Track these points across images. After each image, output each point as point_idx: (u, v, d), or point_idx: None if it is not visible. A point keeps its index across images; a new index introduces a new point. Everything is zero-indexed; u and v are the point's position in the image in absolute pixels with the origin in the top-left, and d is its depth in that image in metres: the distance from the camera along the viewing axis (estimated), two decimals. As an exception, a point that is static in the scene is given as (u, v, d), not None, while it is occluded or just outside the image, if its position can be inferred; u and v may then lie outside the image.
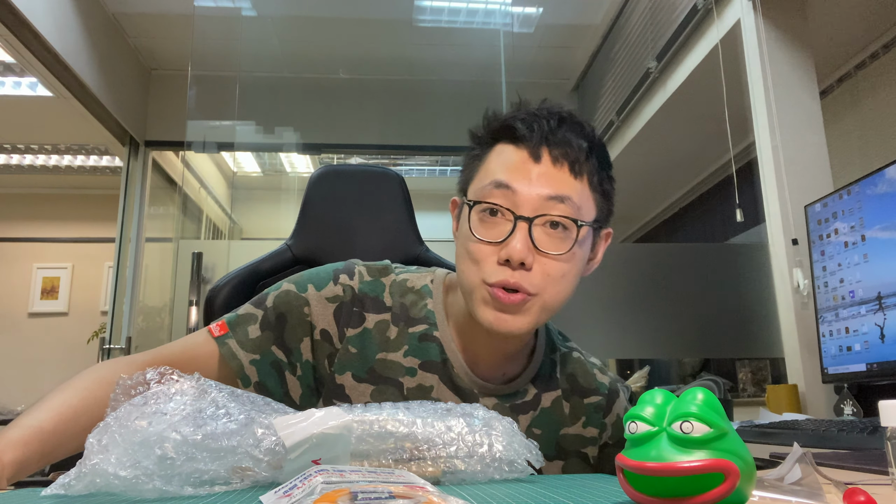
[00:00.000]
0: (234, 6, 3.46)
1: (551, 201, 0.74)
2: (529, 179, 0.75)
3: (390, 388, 0.79)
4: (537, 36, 3.58)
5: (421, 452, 0.55)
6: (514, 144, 0.78)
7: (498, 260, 0.74)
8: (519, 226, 0.74)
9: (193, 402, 0.52)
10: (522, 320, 0.75)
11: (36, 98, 3.62)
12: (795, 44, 2.16)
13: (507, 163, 0.77)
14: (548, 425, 0.84)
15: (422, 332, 0.82)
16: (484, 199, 0.75)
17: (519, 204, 0.74)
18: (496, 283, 0.74)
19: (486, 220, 0.76)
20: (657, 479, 0.37)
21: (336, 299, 0.81)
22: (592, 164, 0.79)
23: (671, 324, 2.26)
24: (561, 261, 0.75)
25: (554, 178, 0.76)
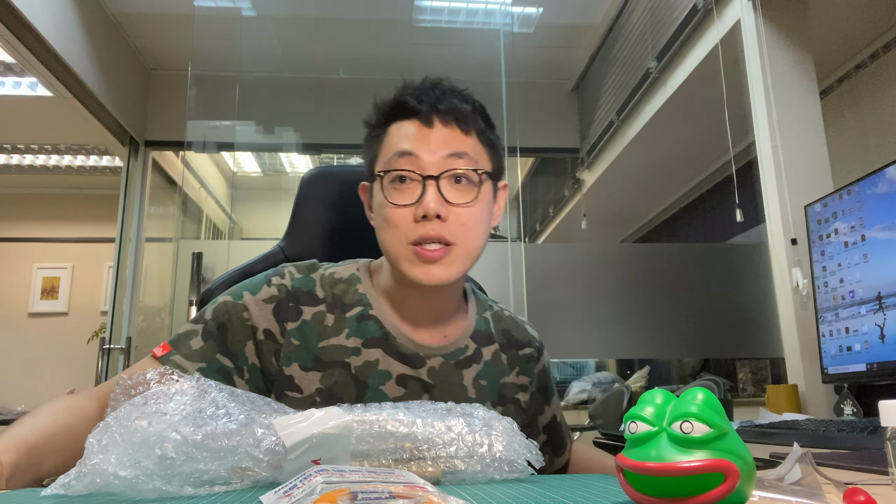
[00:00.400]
0: (234, 6, 3.46)
1: (451, 158, 0.84)
2: (428, 143, 0.85)
3: (337, 370, 0.83)
4: (537, 36, 3.58)
5: (421, 452, 0.55)
6: (408, 119, 0.87)
7: (415, 218, 0.82)
8: (428, 184, 0.83)
9: (193, 402, 0.52)
10: (448, 270, 0.84)
11: (36, 98, 3.62)
12: (795, 44, 2.16)
13: (405, 134, 0.86)
14: (490, 376, 0.92)
15: (358, 313, 0.88)
16: (391, 168, 0.84)
17: (423, 166, 0.84)
18: (418, 239, 0.82)
19: (398, 187, 0.84)
20: (657, 479, 0.37)
21: (272, 299, 0.86)
22: (478, 122, 0.90)
23: (671, 324, 2.26)
24: (471, 208, 0.85)
25: (448, 138, 0.86)
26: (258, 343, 0.84)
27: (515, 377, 0.95)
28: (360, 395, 0.83)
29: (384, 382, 0.84)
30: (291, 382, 0.82)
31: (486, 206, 0.88)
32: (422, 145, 0.84)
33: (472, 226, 0.85)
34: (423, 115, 0.86)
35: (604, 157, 3.72)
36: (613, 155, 3.55)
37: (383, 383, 0.84)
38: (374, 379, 0.84)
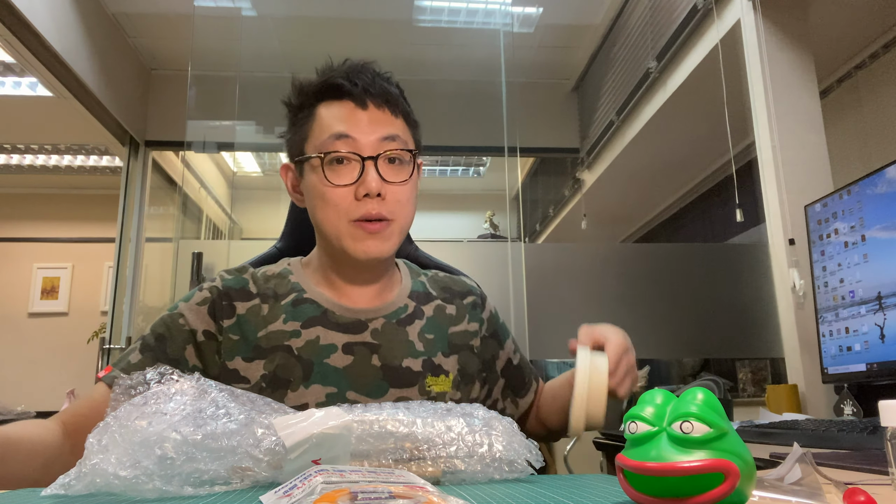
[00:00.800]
0: (234, 6, 3.46)
1: (385, 141, 0.89)
2: (363, 125, 0.88)
3: (280, 354, 0.86)
4: (537, 36, 3.58)
5: (421, 452, 0.55)
6: (339, 100, 0.90)
7: (356, 197, 0.87)
8: (367, 165, 0.87)
9: (193, 402, 0.52)
10: (386, 244, 0.89)
11: (36, 98, 3.62)
12: (795, 44, 2.16)
13: (338, 116, 0.89)
14: (437, 328, 0.96)
15: (293, 299, 0.91)
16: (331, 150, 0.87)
17: (360, 148, 0.87)
18: (361, 217, 0.86)
19: (335, 168, 0.87)
20: (657, 479, 0.37)
21: (205, 301, 0.89)
22: (403, 103, 0.94)
23: (671, 324, 2.26)
24: (405, 186, 0.90)
25: (381, 121, 0.90)
26: (198, 345, 0.87)
27: (466, 325, 0.99)
28: (306, 373, 0.85)
29: (329, 355, 0.86)
30: (237, 375, 0.85)
31: (415, 184, 0.94)
32: (356, 127, 0.88)
33: (405, 202, 0.90)
34: (357, 98, 0.90)
35: (604, 157, 3.71)
36: (613, 155, 3.55)
37: (328, 356, 0.86)
38: (319, 355, 0.86)
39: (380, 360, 0.89)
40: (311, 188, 0.90)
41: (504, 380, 1.03)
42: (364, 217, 0.86)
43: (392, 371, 0.89)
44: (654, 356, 3.18)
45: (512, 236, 3.93)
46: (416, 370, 0.90)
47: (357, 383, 0.86)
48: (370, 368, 0.88)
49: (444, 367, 0.93)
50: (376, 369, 0.88)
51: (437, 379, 0.91)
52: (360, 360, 0.88)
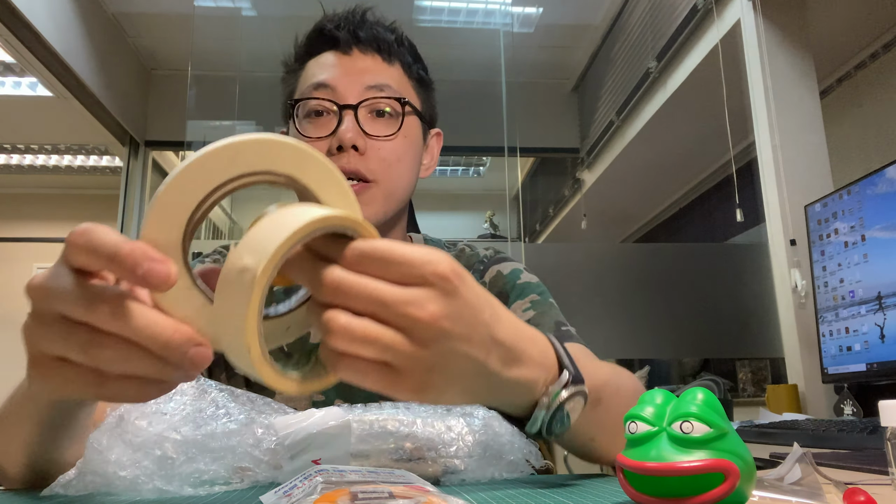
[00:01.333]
0: (234, 6, 3.46)
1: (371, 90, 0.77)
2: (346, 73, 0.78)
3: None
4: (537, 36, 3.58)
5: (421, 452, 0.55)
6: (328, 49, 0.80)
7: (329, 150, 0.75)
8: (345, 114, 0.76)
9: (193, 402, 0.52)
10: (371, 210, 0.76)
11: (36, 98, 3.62)
12: (795, 44, 2.16)
13: (322, 65, 0.79)
14: None
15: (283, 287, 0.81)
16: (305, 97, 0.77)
17: (340, 97, 0.76)
18: None
19: (313, 120, 0.77)
20: (657, 479, 0.37)
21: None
22: (403, 53, 0.83)
23: (671, 324, 2.26)
24: (392, 141, 0.77)
25: (368, 68, 0.79)
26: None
27: None
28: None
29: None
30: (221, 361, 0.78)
31: (412, 145, 0.80)
32: (340, 76, 0.77)
33: (393, 162, 0.77)
34: (342, 44, 0.80)
35: (604, 157, 3.72)
36: (613, 155, 3.55)
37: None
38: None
39: None
40: None
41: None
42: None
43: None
44: (654, 356, 3.18)
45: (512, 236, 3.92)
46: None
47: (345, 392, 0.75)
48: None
49: None
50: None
51: None
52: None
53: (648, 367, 2.76)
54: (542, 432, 0.49)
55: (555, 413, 0.48)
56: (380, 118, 0.77)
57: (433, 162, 0.88)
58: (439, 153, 0.89)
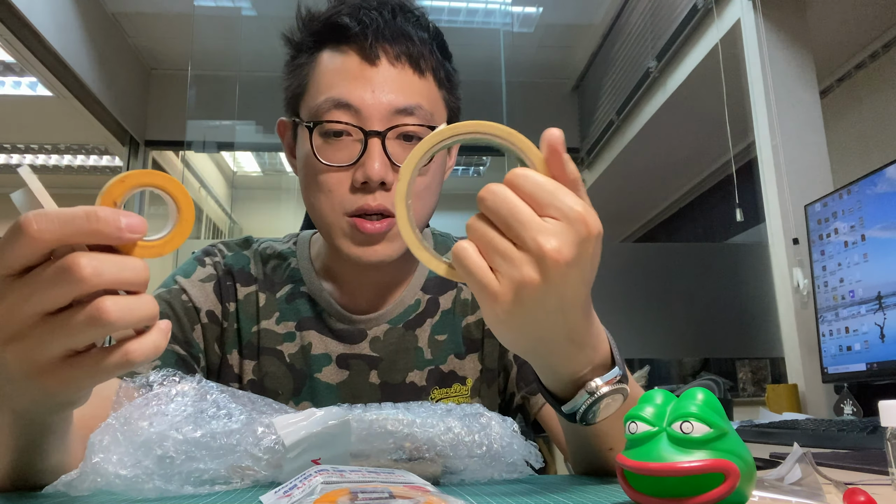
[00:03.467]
0: (234, 6, 3.46)
1: (400, 115, 0.66)
2: (371, 88, 0.66)
3: (269, 359, 0.74)
4: (537, 36, 3.58)
5: (421, 452, 0.55)
6: (345, 45, 0.68)
7: (353, 184, 0.66)
8: (371, 143, 0.65)
9: (195, 404, 0.52)
10: (392, 247, 0.69)
11: (36, 98, 3.62)
12: (795, 44, 2.16)
13: (340, 72, 0.67)
14: (450, 325, 0.78)
15: (288, 292, 0.77)
16: (324, 119, 0.66)
17: (365, 119, 0.66)
18: (356, 211, 0.66)
19: (332, 142, 0.67)
20: (657, 479, 0.37)
21: (210, 278, 0.76)
22: (436, 57, 0.71)
23: (671, 324, 2.26)
24: (422, 174, 0.69)
25: (398, 83, 0.67)
26: (203, 327, 0.74)
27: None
28: (297, 387, 0.73)
29: (321, 368, 0.74)
30: (232, 372, 0.75)
31: (440, 167, 0.72)
32: (363, 92, 0.66)
33: (422, 193, 0.69)
34: (365, 48, 0.67)
35: (604, 157, 3.72)
36: (613, 155, 3.55)
37: (320, 370, 0.74)
38: (311, 366, 0.74)
39: (379, 377, 0.75)
40: (302, 162, 0.70)
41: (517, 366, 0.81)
42: (361, 211, 0.66)
43: (392, 389, 0.75)
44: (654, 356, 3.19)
45: (512, 236, 3.92)
46: (420, 385, 0.76)
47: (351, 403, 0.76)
48: (367, 387, 0.75)
49: (459, 374, 0.77)
50: (374, 388, 0.75)
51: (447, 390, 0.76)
52: (355, 377, 0.75)
53: (648, 367, 2.76)
54: (576, 416, 0.49)
55: (595, 402, 0.48)
56: (408, 142, 0.68)
57: (453, 160, 0.80)
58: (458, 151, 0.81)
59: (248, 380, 0.75)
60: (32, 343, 0.37)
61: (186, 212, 0.42)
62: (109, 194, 0.39)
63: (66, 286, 0.36)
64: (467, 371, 0.78)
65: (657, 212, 4.47)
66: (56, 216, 0.35)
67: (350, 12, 0.68)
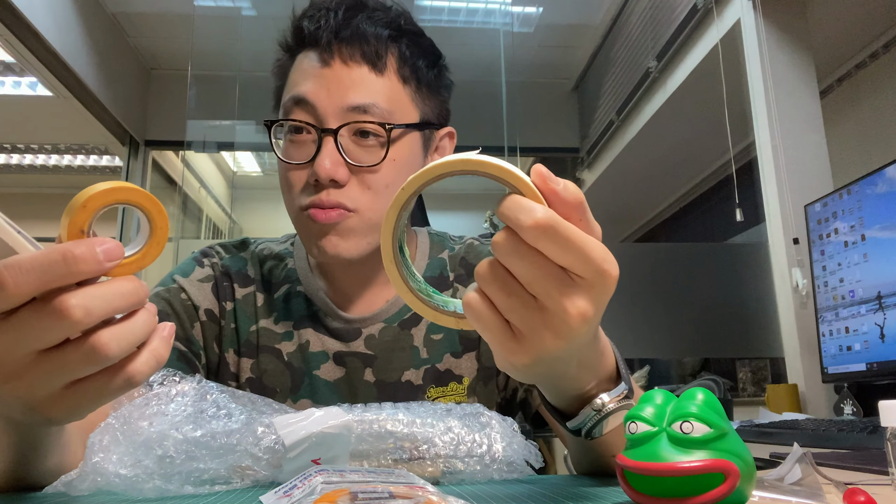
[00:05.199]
0: (234, 6, 3.46)
1: (353, 112, 0.67)
2: (326, 88, 0.68)
3: (267, 357, 0.75)
4: (537, 36, 3.58)
5: (421, 452, 0.55)
6: (309, 47, 0.71)
7: (308, 181, 0.69)
8: (325, 140, 0.67)
9: (195, 404, 0.52)
10: (352, 243, 0.69)
11: (36, 98, 3.63)
12: (795, 44, 2.16)
13: (303, 72, 0.70)
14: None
15: (284, 292, 0.78)
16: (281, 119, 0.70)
17: (321, 118, 0.68)
18: (308, 205, 0.68)
19: (294, 139, 0.70)
20: (657, 479, 0.37)
21: (209, 278, 0.77)
22: (399, 54, 0.71)
23: (671, 324, 2.26)
24: (377, 173, 0.68)
25: (352, 81, 0.68)
26: (202, 325, 0.75)
27: None
28: (295, 384, 0.74)
29: (319, 366, 0.75)
30: (228, 370, 0.75)
31: (405, 165, 0.71)
32: (319, 90, 0.68)
33: (381, 190, 0.69)
34: (322, 48, 0.69)
35: (604, 157, 3.72)
36: (613, 155, 3.55)
37: (318, 367, 0.75)
38: (309, 364, 0.75)
39: (374, 375, 0.75)
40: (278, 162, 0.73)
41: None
42: (312, 204, 0.68)
43: (388, 388, 0.75)
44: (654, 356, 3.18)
45: (512, 236, 3.92)
46: (416, 384, 0.76)
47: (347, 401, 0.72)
48: (362, 385, 0.75)
49: (456, 372, 0.77)
50: (369, 386, 0.75)
51: (443, 389, 0.77)
52: (351, 374, 0.75)
53: (648, 367, 2.76)
54: (581, 431, 0.49)
55: (602, 419, 0.49)
56: (364, 139, 0.68)
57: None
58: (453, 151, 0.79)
59: (246, 378, 0.75)
60: (30, 380, 0.37)
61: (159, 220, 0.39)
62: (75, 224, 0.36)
63: (56, 330, 0.35)
64: (464, 370, 0.78)
65: (657, 212, 4.47)
66: (31, 266, 0.34)
67: (311, 15, 0.71)
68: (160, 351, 0.40)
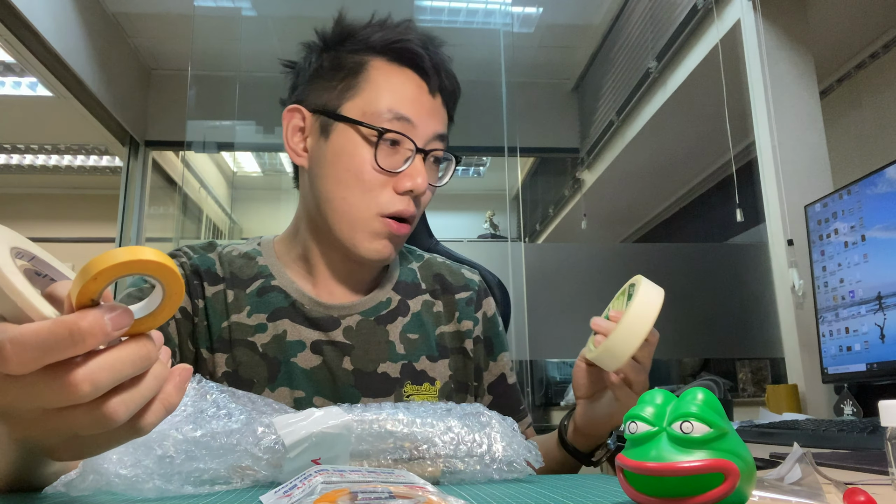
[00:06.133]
0: (234, 6, 3.46)
1: (437, 140, 0.78)
2: (427, 113, 0.77)
3: (241, 350, 0.77)
4: (537, 36, 3.58)
5: (421, 452, 0.55)
6: (403, 68, 0.77)
7: (396, 189, 0.75)
8: (418, 158, 0.76)
9: (195, 403, 0.52)
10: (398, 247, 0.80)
11: (36, 98, 3.63)
12: (795, 44, 2.16)
13: (403, 92, 0.77)
14: (422, 327, 0.84)
15: (259, 286, 0.81)
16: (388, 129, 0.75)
17: (418, 137, 0.76)
18: (394, 214, 0.75)
19: (386, 148, 0.76)
20: (657, 479, 0.37)
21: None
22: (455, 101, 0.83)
23: (671, 324, 2.26)
24: (432, 192, 0.81)
25: (440, 114, 0.79)
26: (177, 322, 0.77)
27: (456, 324, 0.86)
28: (272, 374, 0.76)
29: (296, 354, 0.77)
30: (205, 366, 0.77)
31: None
32: (421, 115, 0.76)
33: (422, 208, 0.80)
34: (429, 79, 0.78)
35: (604, 157, 3.71)
36: (613, 155, 3.55)
37: (295, 355, 0.77)
38: (286, 352, 0.77)
39: (352, 364, 0.78)
40: (339, 157, 0.76)
41: (492, 398, 0.88)
42: (398, 214, 0.75)
43: (365, 377, 0.78)
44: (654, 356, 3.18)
45: (512, 236, 3.92)
46: (393, 376, 0.79)
47: (325, 388, 0.77)
48: (340, 372, 0.78)
49: (430, 374, 0.82)
50: (347, 374, 0.78)
51: (418, 387, 0.80)
52: (329, 362, 0.78)
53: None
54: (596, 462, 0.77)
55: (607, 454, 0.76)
56: (435, 165, 0.80)
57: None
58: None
59: (222, 372, 0.77)
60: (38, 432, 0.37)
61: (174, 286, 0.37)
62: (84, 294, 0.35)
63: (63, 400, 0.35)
64: (437, 374, 0.83)
65: (657, 212, 4.47)
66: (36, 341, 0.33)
67: (420, 44, 0.78)
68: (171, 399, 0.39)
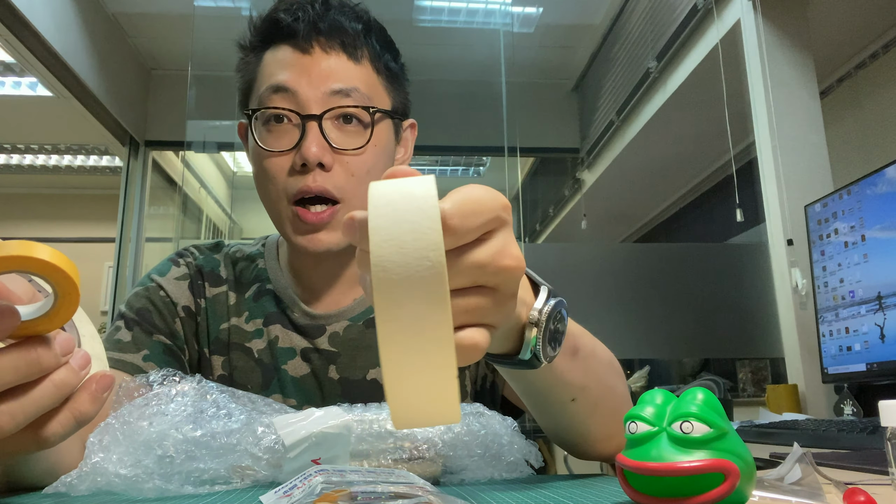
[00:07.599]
0: (234, 6, 3.46)
1: (336, 96, 0.70)
2: (308, 76, 0.70)
3: (238, 354, 0.76)
4: (537, 36, 3.57)
5: (421, 452, 0.55)
6: (284, 41, 0.73)
7: (293, 167, 0.69)
8: (309, 126, 0.69)
9: (195, 403, 0.52)
10: (337, 235, 0.71)
11: (36, 98, 3.63)
12: (795, 44, 2.16)
13: (280, 63, 0.72)
14: None
15: (255, 290, 0.79)
16: (263, 106, 0.71)
17: (302, 104, 0.70)
18: (297, 194, 0.69)
19: (273, 129, 0.71)
20: (657, 479, 0.37)
21: (185, 276, 0.79)
22: (371, 46, 0.74)
23: (671, 324, 2.26)
24: (361, 155, 0.71)
25: (332, 69, 0.71)
26: (181, 321, 0.76)
27: None
28: (266, 380, 0.75)
29: (287, 361, 0.75)
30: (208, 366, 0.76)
31: (384, 152, 0.74)
32: (299, 78, 0.70)
33: (363, 176, 0.71)
34: (301, 38, 0.71)
35: (604, 157, 3.71)
36: (613, 155, 3.55)
37: (286, 362, 0.75)
38: (278, 359, 0.75)
39: (338, 373, 0.75)
40: (252, 154, 0.74)
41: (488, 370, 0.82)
42: (301, 194, 0.69)
43: (353, 386, 0.75)
44: (654, 356, 3.18)
45: (512, 236, 3.91)
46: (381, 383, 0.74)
47: (314, 398, 0.75)
48: (327, 382, 0.75)
49: None
50: (333, 383, 0.75)
51: None
52: (316, 371, 0.75)
53: (648, 367, 2.76)
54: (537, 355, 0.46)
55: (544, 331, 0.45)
56: (347, 125, 0.71)
57: (408, 154, 0.81)
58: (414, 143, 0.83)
59: (217, 375, 0.76)
60: None
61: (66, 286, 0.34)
62: None
63: None
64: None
65: (657, 212, 4.47)
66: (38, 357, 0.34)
67: (286, 8, 0.73)
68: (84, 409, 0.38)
